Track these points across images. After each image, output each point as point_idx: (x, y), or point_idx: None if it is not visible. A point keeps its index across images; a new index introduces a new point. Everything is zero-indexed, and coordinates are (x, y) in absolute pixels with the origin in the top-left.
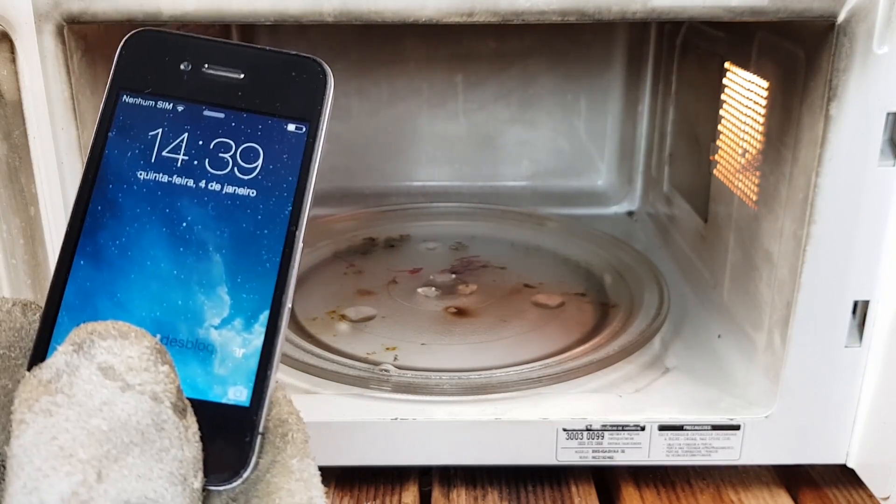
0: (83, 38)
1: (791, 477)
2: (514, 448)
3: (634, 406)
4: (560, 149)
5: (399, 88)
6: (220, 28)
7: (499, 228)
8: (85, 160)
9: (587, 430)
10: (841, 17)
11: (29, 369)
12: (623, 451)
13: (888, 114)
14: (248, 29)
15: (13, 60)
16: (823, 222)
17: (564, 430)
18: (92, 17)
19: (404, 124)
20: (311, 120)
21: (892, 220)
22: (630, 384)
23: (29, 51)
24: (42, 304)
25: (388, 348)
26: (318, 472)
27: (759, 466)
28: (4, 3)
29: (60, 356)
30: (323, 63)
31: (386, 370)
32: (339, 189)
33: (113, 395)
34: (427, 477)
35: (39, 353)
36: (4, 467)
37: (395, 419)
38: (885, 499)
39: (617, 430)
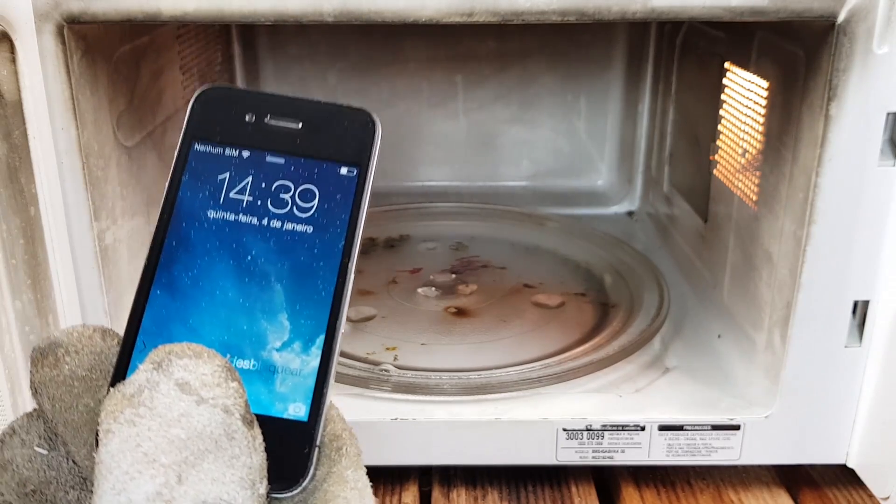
0: (83, 38)
1: (791, 477)
2: (514, 448)
3: (634, 406)
4: (560, 149)
5: (399, 88)
6: (220, 28)
7: (499, 228)
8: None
9: (587, 430)
10: (841, 17)
11: (111, 387)
12: (623, 451)
13: (888, 114)
14: (248, 29)
15: (13, 60)
16: (823, 222)
17: (564, 430)
18: (92, 17)
19: (404, 124)
20: (360, 164)
21: (892, 220)
22: (630, 384)
23: (29, 51)
24: (93, 323)
25: (388, 348)
26: (370, 484)
27: (759, 466)
28: (4, 3)
29: (141, 373)
30: (372, 113)
31: (386, 370)
32: None
33: (189, 407)
34: (427, 477)
35: (120, 373)
36: (85, 479)
37: (395, 419)
38: (885, 499)
39: (617, 430)
